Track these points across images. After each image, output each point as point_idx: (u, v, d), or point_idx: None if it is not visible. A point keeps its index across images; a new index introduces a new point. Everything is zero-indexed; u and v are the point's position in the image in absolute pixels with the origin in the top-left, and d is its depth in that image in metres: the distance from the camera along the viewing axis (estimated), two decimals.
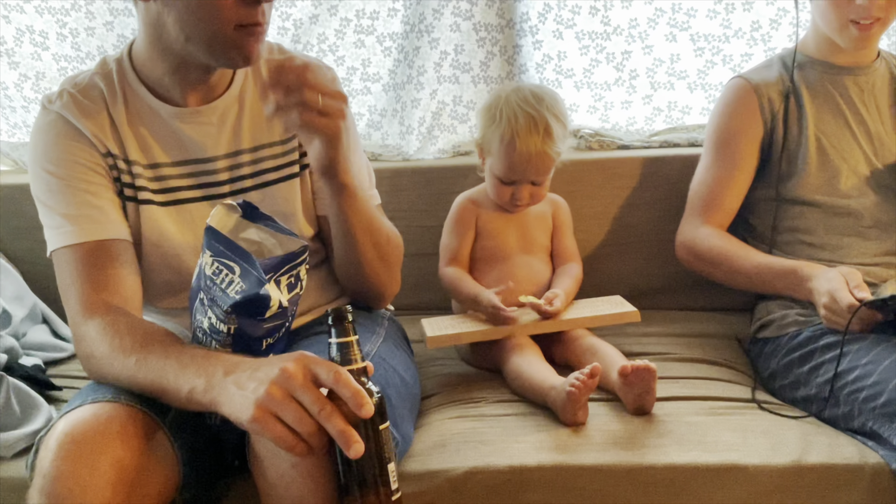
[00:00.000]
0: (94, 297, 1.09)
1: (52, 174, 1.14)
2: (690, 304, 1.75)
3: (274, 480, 0.96)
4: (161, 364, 0.97)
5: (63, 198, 1.13)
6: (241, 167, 1.22)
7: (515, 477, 1.15)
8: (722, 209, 1.54)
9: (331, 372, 0.85)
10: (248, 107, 1.22)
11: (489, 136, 1.48)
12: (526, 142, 1.42)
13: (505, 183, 1.49)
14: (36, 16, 1.87)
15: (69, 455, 0.92)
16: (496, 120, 1.46)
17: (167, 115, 1.18)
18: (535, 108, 1.44)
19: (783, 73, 1.53)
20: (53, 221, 1.14)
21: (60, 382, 1.48)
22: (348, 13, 1.86)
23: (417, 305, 1.74)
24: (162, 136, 1.19)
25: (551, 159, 1.47)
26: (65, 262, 1.12)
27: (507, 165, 1.46)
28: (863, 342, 1.28)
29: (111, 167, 1.17)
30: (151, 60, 1.16)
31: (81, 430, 0.94)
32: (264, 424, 0.84)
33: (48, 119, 1.16)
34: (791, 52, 1.55)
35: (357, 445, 0.83)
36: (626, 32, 1.85)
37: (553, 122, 1.44)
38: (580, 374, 1.21)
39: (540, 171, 1.48)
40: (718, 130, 1.55)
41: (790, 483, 1.14)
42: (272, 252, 1.03)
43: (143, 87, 1.18)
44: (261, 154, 1.23)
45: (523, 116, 1.43)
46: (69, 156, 1.14)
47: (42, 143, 1.16)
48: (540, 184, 1.50)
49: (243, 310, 0.98)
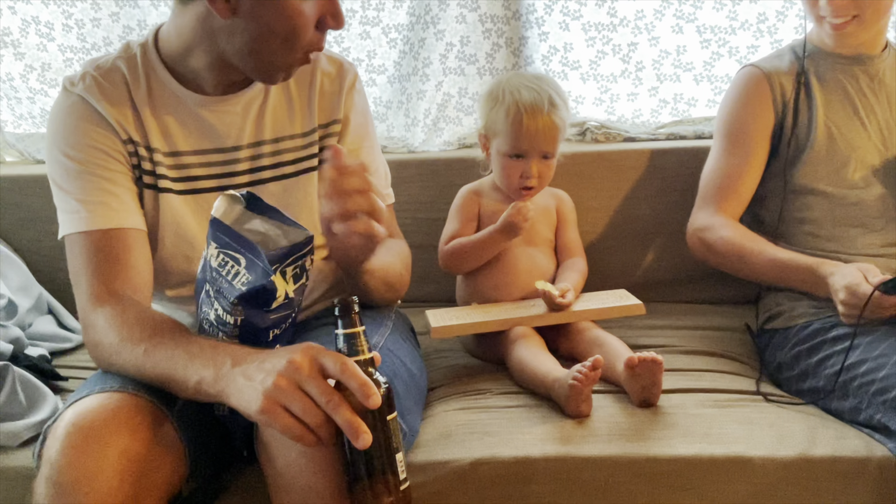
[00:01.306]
0: (105, 285, 1.09)
1: (71, 158, 1.13)
2: (696, 296, 1.75)
3: (282, 469, 0.96)
4: (169, 354, 0.97)
5: (80, 183, 1.12)
6: (262, 158, 1.22)
7: (521, 468, 1.15)
8: (736, 198, 1.52)
9: (338, 363, 0.85)
10: (272, 97, 1.22)
11: (493, 117, 1.49)
12: (532, 113, 1.44)
13: (514, 158, 1.49)
14: (41, 7, 1.87)
15: (77, 444, 0.92)
16: (499, 100, 1.48)
17: (192, 102, 1.18)
18: (537, 83, 1.48)
19: (794, 62, 1.52)
20: (68, 206, 1.13)
21: (66, 373, 1.48)
22: (354, 4, 1.85)
23: (422, 297, 1.74)
24: (185, 124, 1.18)
25: (558, 128, 1.47)
26: (77, 247, 1.12)
27: (515, 137, 1.46)
28: (873, 335, 1.27)
29: (131, 154, 1.16)
30: (189, 54, 1.14)
31: (89, 419, 0.94)
32: (272, 415, 0.84)
33: (69, 102, 1.15)
34: (801, 42, 1.54)
35: (365, 436, 0.83)
36: (632, 24, 1.84)
37: (555, 96, 1.47)
38: (582, 366, 1.21)
39: (549, 141, 1.47)
40: (730, 119, 1.54)
41: (796, 475, 1.14)
42: (277, 243, 1.03)
43: (168, 74, 1.17)
44: (282, 146, 1.23)
45: (527, 91, 1.46)
46: (89, 140, 1.13)
47: (62, 125, 1.15)
48: (550, 156, 1.50)
49: (250, 301, 0.98)
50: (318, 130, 1.24)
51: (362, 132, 1.29)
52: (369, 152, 1.30)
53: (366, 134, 1.30)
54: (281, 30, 1.06)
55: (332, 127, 1.25)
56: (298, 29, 1.06)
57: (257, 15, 1.05)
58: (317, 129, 1.24)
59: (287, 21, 1.05)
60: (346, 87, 1.25)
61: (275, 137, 1.22)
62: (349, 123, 1.26)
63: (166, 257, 1.21)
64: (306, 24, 1.07)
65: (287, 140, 1.23)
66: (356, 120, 1.27)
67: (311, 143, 1.24)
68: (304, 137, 1.24)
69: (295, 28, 1.06)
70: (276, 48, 1.08)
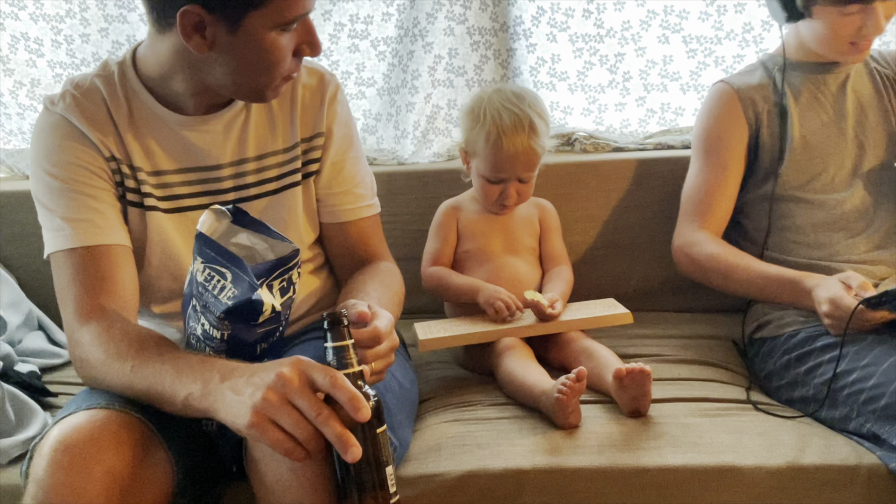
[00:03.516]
0: (91, 302, 1.08)
1: (54, 176, 1.13)
2: (684, 305, 1.75)
3: (271, 485, 0.96)
4: (157, 370, 0.96)
5: (64, 201, 1.12)
6: (246, 175, 1.22)
7: (511, 480, 1.15)
8: (716, 213, 1.54)
9: (327, 376, 0.85)
10: (253, 115, 1.22)
11: (473, 138, 1.50)
12: (512, 139, 1.45)
13: (492, 182, 1.50)
14: (31, 23, 1.87)
15: (63, 462, 0.92)
16: (480, 120, 1.48)
17: (173, 122, 1.17)
18: (518, 105, 1.47)
19: (765, 76, 1.55)
20: (53, 224, 1.13)
21: (56, 389, 1.48)
22: (342, 18, 1.86)
23: (413, 309, 1.72)
24: (167, 143, 1.18)
25: (537, 155, 1.48)
26: (63, 265, 1.12)
27: (494, 164, 1.48)
28: (861, 343, 1.28)
29: (114, 171, 1.16)
30: (168, 79, 1.14)
31: (75, 437, 0.94)
32: (261, 430, 0.84)
33: (51, 120, 1.15)
34: (772, 56, 1.57)
35: (354, 449, 0.83)
36: (619, 35, 1.85)
37: (536, 118, 1.47)
38: (566, 378, 1.21)
39: (527, 167, 1.49)
40: (705, 135, 1.57)
41: (786, 484, 1.14)
42: (264, 256, 1.03)
43: (148, 95, 1.17)
44: (265, 163, 1.23)
45: (507, 114, 1.45)
46: (72, 158, 1.13)
47: (44, 144, 1.14)
48: (527, 181, 1.51)
49: (236, 315, 0.98)
50: (300, 144, 1.24)
51: (346, 143, 1.28)
52: (354, 162, 1.30)
53: (350, 145, 1.29)
54: (259, 62, 1.07)
55: (315, 140, 1.25)
56: (277, 61, 1.07)
57: (234, 49, 1.05)
58: (299, 143, 1.24)
59: (264, 55, 1.06)
60: (328, 98, 1.25)
61: (258, 154, 1.22)
62: (332, 135, 1.26)
63: (153, 275, 1.20)
64: (284, 56, 1.08)
65: (270, 156, 1.23)
66: (339, 131, 1.27)
67: (294, 158, 1.24)
68: (287, 153, 1.24)
69: (273, 61, 1.07)
70: (255, 77, 1.09)
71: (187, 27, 1.03)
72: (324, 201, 1.29)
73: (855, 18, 1.39)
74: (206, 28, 1.03)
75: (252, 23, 1.03)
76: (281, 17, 1.03)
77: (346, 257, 1.32)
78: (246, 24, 1.03)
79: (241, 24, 1.02)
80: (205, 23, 1.02)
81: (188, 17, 1.02)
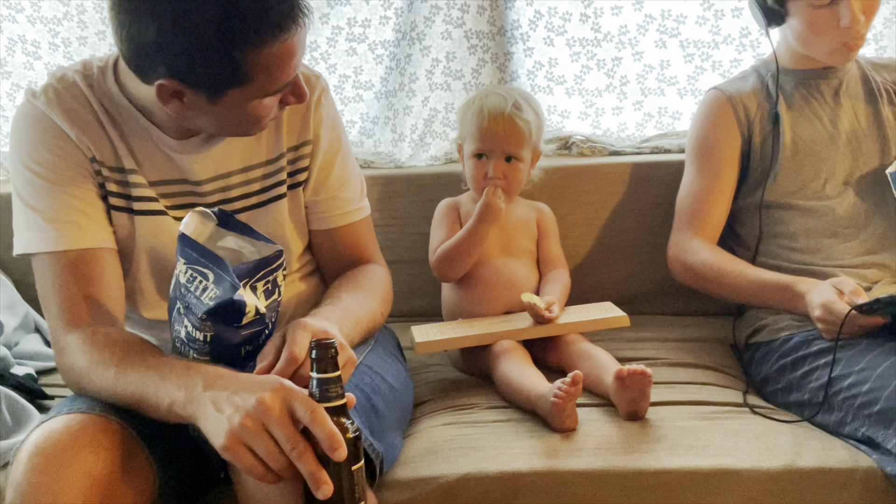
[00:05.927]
0: (76, 308, 1.07)
1: (37, 173, 1.10)
2: (681, 308, 1.75)
3: (252, 492, 0.96)
4: (141, 376, 0.96)
5: (48, 200, 1.09)
6: (231, 189, 1.20)
7: (508, 483, 1.14)
8: (710, 221, 1.55)
9: (308, 410, 0.84)
10: None
11: (464, 122, 1.55)
12: (495, 111, 1.50)
13: (478, 158, 1.53)
14: (28, 25, 1.87)
15: (39, 466, 0.91)
16: (470, 105, 1.54)
17: (156, 136, 1.15)
18: (507, 91, 1.55)
19: (758, 82, 1.55)
20: (36, 223, 1.10)
21: (53, 391, 1.48)
22: (340, 21, 1.86)
23: (410, 312, 1.73)
24: (150, 154, 1.15)
25: (521, 130, 1.50)
26: (47, 268, 1.09)
27: (479, 137, 1.51)
28: (856, 348, 1.28)
29: (96, 173, 1.13)
30: (151, 109, 1.12)
31: (52, 442, 0.93)
32: (235, 454, 0.84)
33: (33, 112, 1.11)
34: (765, 62, 1.58)
35: (325, 487, 0.83)
36: (616, 39, 1.85)
37: (522, 101, 1.52)
38: (562, 382, 1.21)
39: (511, 142, 1.51)
40: (698, 142, 1.57)
41: (782, 487, 1.14)
42: (250, 258, 1.03)
43: (131, 107, 1.13)
44: (250, 175, 1.21)
45: (494, 96, 1.53)
46: (55, 156, 1.10)
47: (26, 137, 1.11)
48: (514, 161, 1.52)
49: (218, 316, 0.97)
50: (287, 154, 1.23)
51: (334, 147, 1.27)
52: (343, 165, 1.28)
53: (338, 148, 1.28)
54: (243, 122, 1.07)
55: (302, 149, 1.24)
56: (261, 117, 1.08)
57: (216, 114, 1.05)
58: (285, 153, 1.22)
59: (248, 117, 1.06)
60: (313, 103, 1.22)
61: (243, 167, 1.20)
62: (319, 141, 1.24)
63: (140, 277, 1.19)
64: (269, 112, 1.08)
65: (255, 169, 1.21)
66: (326, 135, 1.25)
67: (279, 170, 1.22)
68: (271, 164, 1.22)
69: (257, 117, 1.07)
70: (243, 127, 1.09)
71: (164, 96, 1.02)
72: (312, 208, 1.27)
73: (827, 11, 1.40)
74: (184, 96, 1.02)
75: (234, 96, 1.02)
76: (263, 91, 1.03)
77: (334, 262, 1.31)
78: (227, 97, 1.02)
79: (222, 98, 1.02)
80: (183, 93, 1.01)
81: (165, 88, 1.01)
